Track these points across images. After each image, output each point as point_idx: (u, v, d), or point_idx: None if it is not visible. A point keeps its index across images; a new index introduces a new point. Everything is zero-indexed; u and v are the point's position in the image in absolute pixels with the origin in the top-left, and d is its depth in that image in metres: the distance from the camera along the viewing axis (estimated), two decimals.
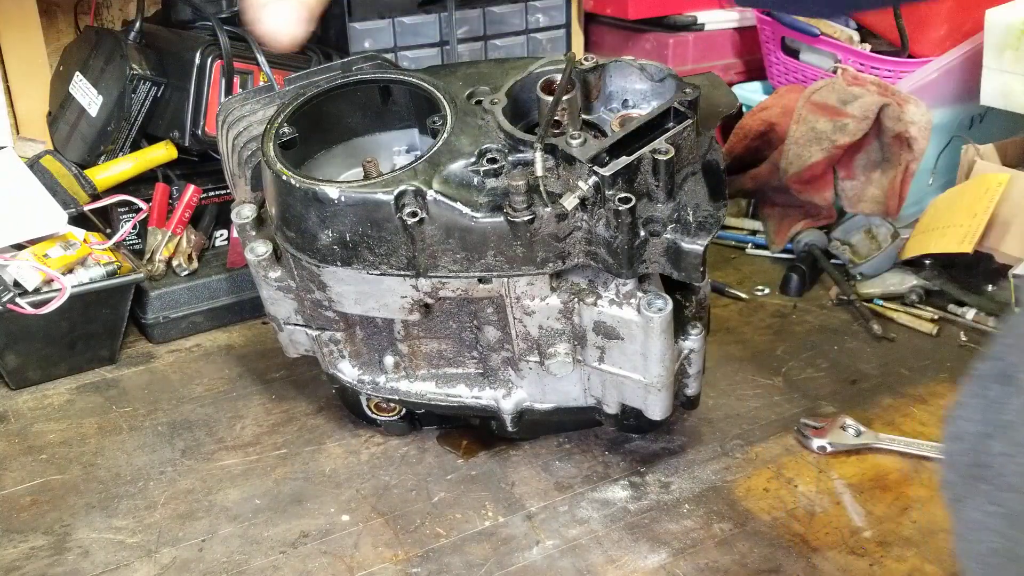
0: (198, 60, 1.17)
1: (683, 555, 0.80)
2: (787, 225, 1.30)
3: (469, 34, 1.44)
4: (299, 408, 1.01)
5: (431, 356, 0.88)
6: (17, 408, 1.02)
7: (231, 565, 0.80)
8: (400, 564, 0.79)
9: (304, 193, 0.77)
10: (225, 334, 1.16)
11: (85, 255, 1.05)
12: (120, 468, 0.92)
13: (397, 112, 0.91)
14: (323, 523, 0.84)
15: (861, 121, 1.18)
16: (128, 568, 0.80)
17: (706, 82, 0.87)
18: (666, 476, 0.89)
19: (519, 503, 0.86)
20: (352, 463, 0.92)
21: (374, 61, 0.98)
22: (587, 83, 0.84)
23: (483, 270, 0.78)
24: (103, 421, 1.00)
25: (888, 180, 1.21)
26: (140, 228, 1.18)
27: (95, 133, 1.21)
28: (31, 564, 0.80)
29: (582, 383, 0.86)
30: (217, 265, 1.20)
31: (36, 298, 1.00)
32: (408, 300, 0.82)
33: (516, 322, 0.82)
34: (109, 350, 1.09)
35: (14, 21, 1.33)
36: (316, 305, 0.86)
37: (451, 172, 0.78)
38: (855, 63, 1.33)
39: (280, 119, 0.83)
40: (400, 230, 0.76)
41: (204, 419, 1.00)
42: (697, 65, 1.58)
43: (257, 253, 0.85)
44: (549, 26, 1.50)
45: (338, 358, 0.90)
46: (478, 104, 0.83)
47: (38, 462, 0.93)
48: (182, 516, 0.86)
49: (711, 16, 1.58)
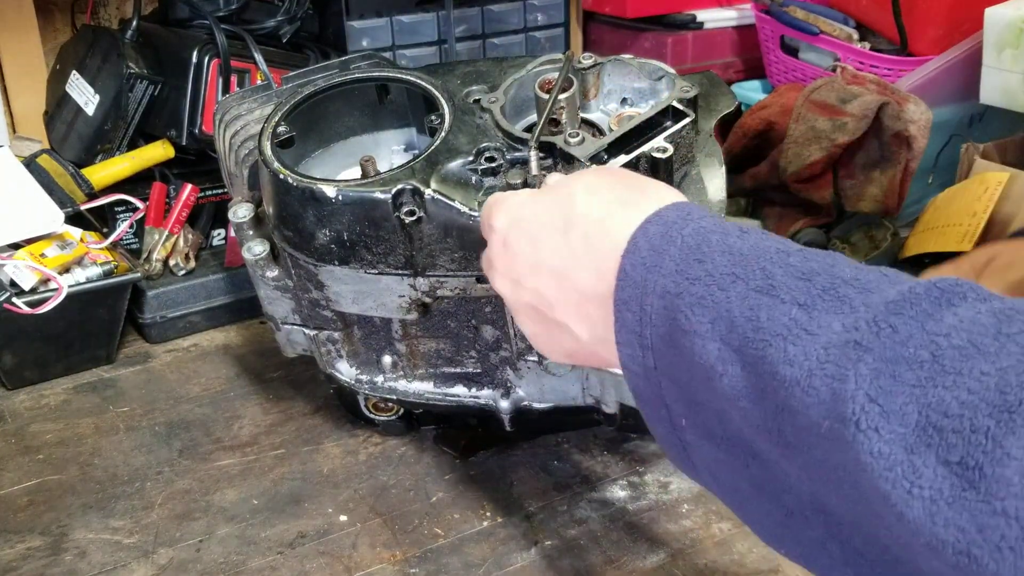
0: (195, 59, 1.16)
1: (682, 555, 0.79)
2: (786, 224, 1.30)
3: (467, 32, 1.44)
4: (297, 408, 1.01)
5: (429, 355, 0.88)
6: (13, 408, 1.02)
7: (228, 565, 0.79)
8: (398, 564, 0.79)
9: (301, 192, 0.77)
10: (223, 334, 1.16)
11: (82, 254, 1.05)
12: (117, 468, 0.92)
13: (395, 111, 0.91)
14: (321, 523, 0.84)
15: (860, 120, 1.18)
16: (125, 568, 0.79)
17: (705, 81, 0.86)
18: (665, 476, 0.89)
19: (517, 503, 0.86)
20: (350, 463, 0.92)
21: (372, 60, 0.97)
22: (585, 81, 0.83)
23: (481, 269, 0.78)
24: (100, 421, 0.99)
25: (888, 179, 1.20)
26: (137, 227, 1.18)
27: (92, 132, 1.21)
28: (28, 564, 0.80)
29: (580, 383, 0.86)
30: (214, 264, 1.20)
31: (33, 298, 0.99)
32: (406, 299, 0.81)
33: (514, 321, 0.82)
34: (106, 350, 1.09)
35: (11, 20, 1.33)
36: (314, 304, 0.85)
37: (449, 171, 0.77)
38: (854, 62, 1.33)
39: (277, 118, 0.83)
40: (398, 229, 0.76)
41: (201, 419, 0.99)
42: (696, 64, 1.58)
43: (254, 252, 0.85)
44: (548, 24, 1.50)
45: (336, 358, 0.90)
46: (476, 103, 0.83)
47: (35, 462, 0.93)
48: (179, 516, 0.85)
49: (710, 15, 1.58)
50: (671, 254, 0.48)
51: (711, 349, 0.44)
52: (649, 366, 0.49)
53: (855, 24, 1.40)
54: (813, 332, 0.40)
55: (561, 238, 0.55)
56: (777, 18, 1.45)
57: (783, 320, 0.42)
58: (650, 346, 0.49)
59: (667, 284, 0.47)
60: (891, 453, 0.35)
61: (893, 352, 0.37)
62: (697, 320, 0.45)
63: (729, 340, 0.44)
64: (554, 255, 0.55)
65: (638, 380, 0.50)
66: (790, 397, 0.40)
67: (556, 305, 0.56)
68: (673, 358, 0.47)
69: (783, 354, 0.41)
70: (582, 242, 0.54)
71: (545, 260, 0.56)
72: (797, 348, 0.40)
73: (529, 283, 0.57)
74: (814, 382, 0.39)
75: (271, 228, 0.83)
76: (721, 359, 0.44)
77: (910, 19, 1.31)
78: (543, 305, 0.57)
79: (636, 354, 0.49)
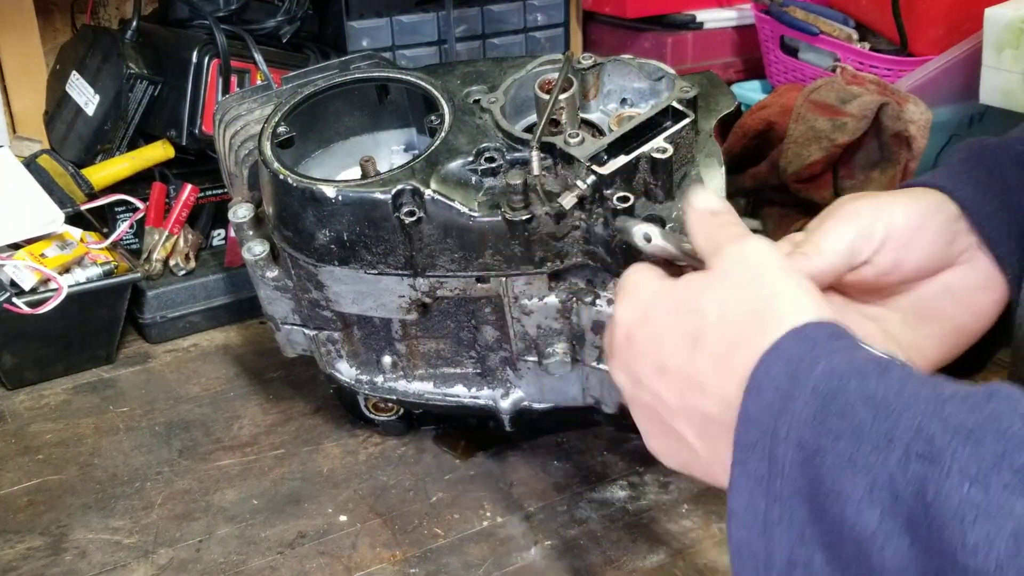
0: (195, 59, 1.16)
1: (682, 555, 0.79)
2: (786, 224, 1.29)
3: (467, 33, 1.44)
4: (297, 408, 1.01)
5: (429, 356, 0.88)
6: (14, 408, 1.02)
7: (228, 566, 0.79)
8: (398, 564, 0.79)
9: (301, 192, 0.77)
10: (222, 334, 1.16)
11: (82, 255, 1.05)
12: (117, 468, 0.92)
13: (395, 111, 0.91)
14: (321, 523, 0.84)
15: (860, 120, 1.18)
16: (125, 569, 0.80)
17: (705, 81, 0.86)
18: (665, 476, 0.89)
19: (517, 503, 0.86)
20: (350, 463, 0.92)
21: (372, 60, 0.97)
22: (585, 82, 0.83)
23: (481, 269, 0.78)
24: (100, 421, 0.99)
25: (887, 179, 1.20)
26: (137, 227, 1.18)
27: (92, 132, 1.21)
28: (28, 565, 0.80)
29: (580, 383, 0.86)
30: (214, 264, 1.20)
31: (33, 298, 0.99)
32: (406, 300, 0.81)
33: (514, 322, 0.82)
34: (106, 350, 1.09)
35: (11, 20, 1.33)
36: (313, 305, 0.85)
37: (449, 171, 0.77)
38: (854, 62, 1.33)
39: (277, 118, 0.83)
40: (398, 229, 0.76)
41: (201, 419, 0.99)
42: (696, 64, 1.58)
43: (254, 252, 0.85)
44: (547, 25, 1.50)
45: (336, 358, 0.90)
46: (476, 103, 0.83)
47: (35, 462, 0.93)
48: (179, 516, 0.85)
49: (710, 15, 1.58)
50: (803, 399, 0.43)
51: (869, 518, 0.40)
52: (772, 520, 0.44)
53: (855, 24, 1.39)
54: (994, 516, 0.36)
55: (688, 353, 0.51)
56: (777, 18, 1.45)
57: (955, 498, 0.37)
58: (779, 498, 0.44)
59: (803, 435, 0.43)
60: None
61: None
62: (850, 484, 0.40)
63: (895, 512, 0.39)
64: (680, 369, 0.51)
65: (750, 532, 0.46)
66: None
67: (677, 416, 0.52)
68: (813, 518, 0.43)
69: (961, 538, 0.36)
70: (709, 363, 0.49)
71: (670, 369, 0.52)
72: (978, 533, 0.36)
73: (651, 385, 0.54)
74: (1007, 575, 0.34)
75: (271, 228, 0.83)
76: (884, 531, 0.39)
77: (910, 19, 1.30)
78: (664, 411, 0.53)
79: (757, 505, 0.45)
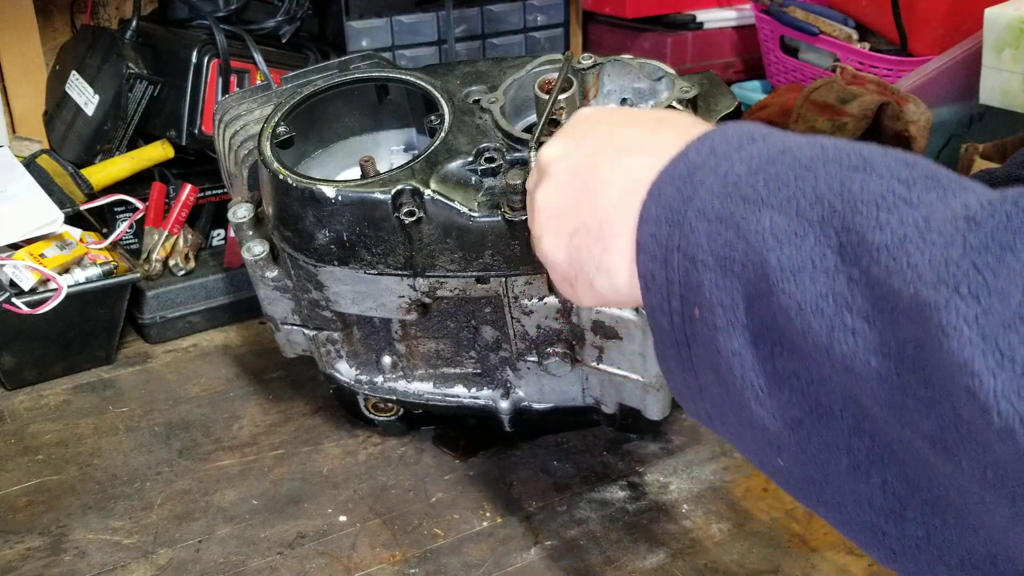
0: (195, 59, 1.16)
1: (682, 556, 0.79)
2: None
3: (467, 33, 1.44)
4: (296, 408, 1.01)
5: (429, 356, 0.88)
6: (13, 409, 1.02)
7: (228, 566, 0.79)
8: (398, 565, 0.79)
9: (301, 192, 0.77)
10: (222, 334, 1.16)
11: (81, 255, 1.05)
12: (117, 469, 0.92)
13: (394, 111, 0.91)
14: (320, 524, 0.84)
15: (860, 120, 1.18)
16: (125, 569, 0.79)
17: (705, 81, 0.86)
18: (664, 476, 0.89)
19: (517, 503, 0.86)
20: (349, 463, 0.92)
21: (371, 60, 0.97)
22: (585, 82, 0.83)
23: (481, 269, 0.78)
24: (99, 421, 0.99)
25: None
26: (136, 228, 1.18)
27: (91, 132, 1.20)
28: (27, 565, 0.80)
29: (580, 383, 0.86)
30: (214, 265, 1.20)
31: (32, 298, 0.99)
32: (405, 300, 0.81)
33: (514, 322, 0.82)
34: (106, 350, 1.09)
35: (10, 20, 1.33)
36: (313, 305, 0.85)
37: (449, 171, 0.77)
38: (854, 62, 1.33)
39: (277, 118, 0.83)
40: (397, 229, 0.76)
41: (201, 419, 0.99)
42: (696, 64, 1.58)
43: (254, 253, 0.85)
44: (547, 25, 1.50)
45: (335, 358, 0.90)
46: (476, 103, 0.83)
47: (34, 463, 0.93)
48: (179, 517, 0.85)
49: (710, 15, 1.58)
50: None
51: (779, 221, 0.40)
52: (673, 245, 0.44)
53: (855, 24, 1.40)
54: (914, 204, 0.36)
55: (608, 148, 0.52)
56: (777, 18, 1.45)
57: (878, 190, 0.37)
58: (681, 223, 0.44)
59: (737, 169, 0.43)
60: (985, 325, 0.32)
61: (1006, 237, 0.33)
62: (767, 192, 0.41)
63: (806, 214, 0.39)
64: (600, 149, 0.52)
65: (654, 263, 0.45)
66: (872, 264, 0.36)
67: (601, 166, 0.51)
68: (715, 232, 0.42)
69: (874, 221, 0.36)
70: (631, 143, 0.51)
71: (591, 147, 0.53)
72: (892, 216, 0.36)
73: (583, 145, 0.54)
74: (908, 247, 0.35)
75: (271, 228, 0.83)
76: (791, 232, 0.39)
77: (910, 19, 1.31)
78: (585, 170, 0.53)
79: (661, 232, 0.45)
